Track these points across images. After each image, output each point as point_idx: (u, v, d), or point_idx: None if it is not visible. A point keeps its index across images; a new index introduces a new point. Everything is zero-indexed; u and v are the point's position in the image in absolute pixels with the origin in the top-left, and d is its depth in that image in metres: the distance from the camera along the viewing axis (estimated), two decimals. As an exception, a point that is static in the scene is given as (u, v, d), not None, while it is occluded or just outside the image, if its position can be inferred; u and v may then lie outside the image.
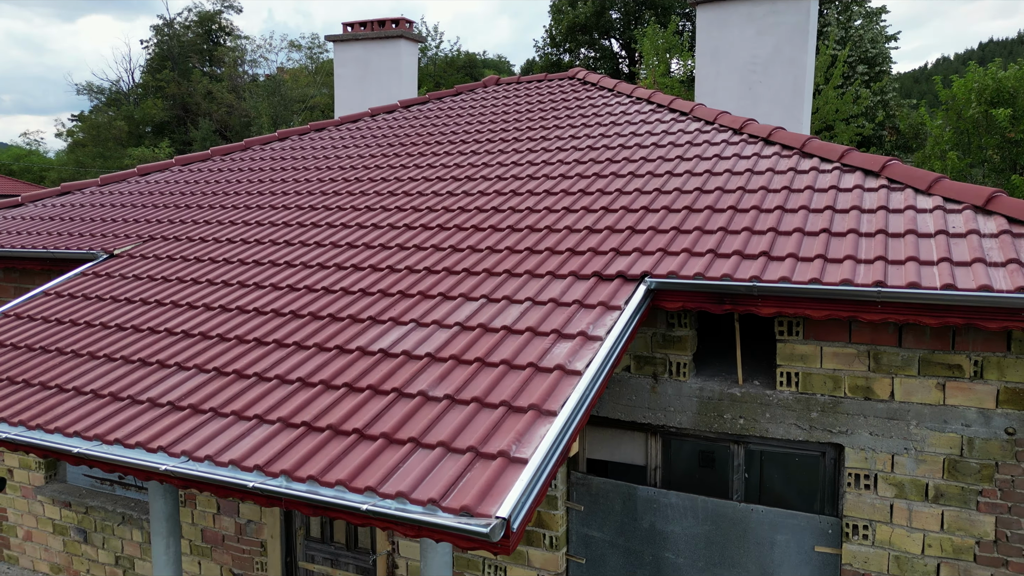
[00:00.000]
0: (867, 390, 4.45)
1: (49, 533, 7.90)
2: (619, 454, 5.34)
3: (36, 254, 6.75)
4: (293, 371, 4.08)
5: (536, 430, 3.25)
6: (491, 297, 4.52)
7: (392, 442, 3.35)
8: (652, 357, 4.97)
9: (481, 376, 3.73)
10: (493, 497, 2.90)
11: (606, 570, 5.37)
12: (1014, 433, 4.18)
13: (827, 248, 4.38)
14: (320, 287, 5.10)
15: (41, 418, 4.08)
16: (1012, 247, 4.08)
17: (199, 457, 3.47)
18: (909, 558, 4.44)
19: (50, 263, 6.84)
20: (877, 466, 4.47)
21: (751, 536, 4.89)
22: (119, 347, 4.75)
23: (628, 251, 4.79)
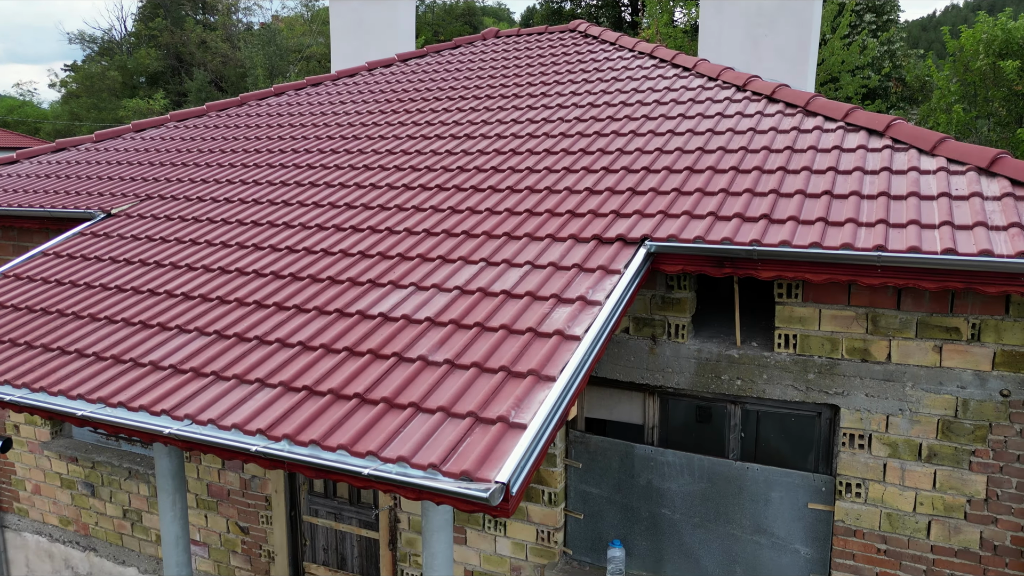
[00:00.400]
0: (864, 352, 4.48)
1: (57, 487, 8.05)
2: (617, 413, 5.40)
3: (34, 213, 6.72)
4: (293, 335, 4.11)
5: (535, 395, 3.28)
6: (490, 261, 4.51)
7: (393, 406, 3.39)
8: (651, 319, 4.99)
9: (481, 341, 3.75)
10: (492, 462, 2.94)
11: (603, 525, 5.49)
12: (1009, 395, 4.23)
13: (828, 211, 4.35)
14: (319, 249, 5.08)
15: (44, 380, 4.11)
16: (1014, 210, 4.05)
17: (202, 421, 3.51)
18: (900, 515, 4.53)
19: (48, 222, 6.81)
20: (872, 426, 4.53)
21: (746, 493, 4.98)
22: (119, 309, 4.77)
23: (628, 213, 4.76)
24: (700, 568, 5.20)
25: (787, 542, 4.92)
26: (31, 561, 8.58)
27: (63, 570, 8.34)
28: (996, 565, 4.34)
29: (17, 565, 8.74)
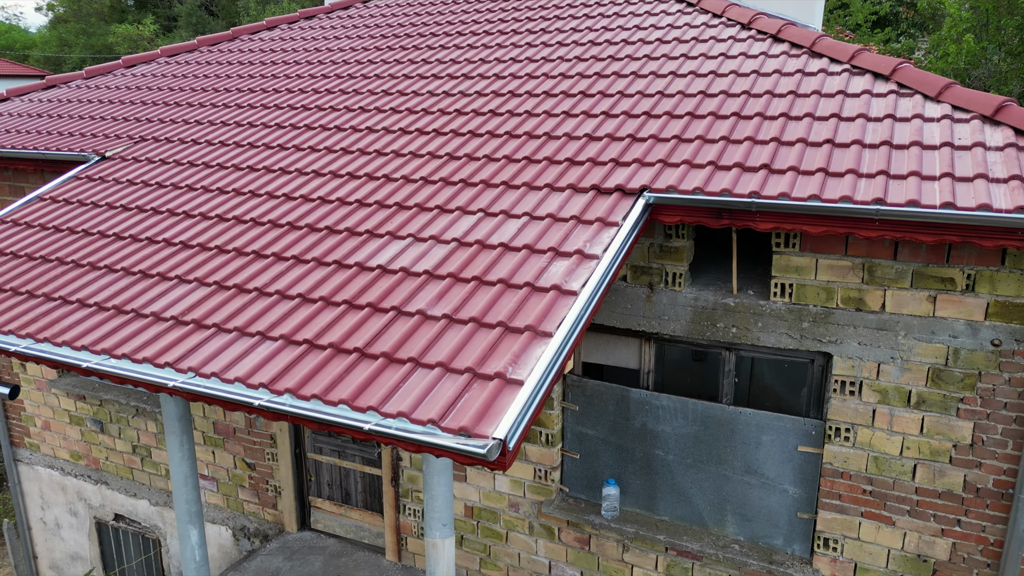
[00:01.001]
0: (859, 301, 4.52)
1: (66, 423, 8.24)
2: (614, 358, 5.49)
3: (28, 155, 6.65)
4: (293, 286, 4.13)
5: (532, 351, 3.34)
6: (488, 211, 4.50)
7: (392, 361, 3.45)
8: (648, 267, 5.01)
9: (479, 295, 3.79)
10: (490, 418, 3.02)
11: (599, 465, 5.65)
12: (1000, 345, 4.29)
13: (829, 161, 4.31)
14: (316, 197, 5.06)
15: (48, 331, 4.16)
16: (1016, 162, 4.02)
17: (205, 374, 3.58)
18: (887, 459, 4.66)
19: (42, 164, 6.75)
20: (863, 374, 4.62)
21: (738, 436, 5.12)
22: (119, 258, 4.78)
23: (628, 162, 4.72)
24: (692, 506, 5.39)
25: (776, 482, 5.08)
26: (45, 493, 8.86)
27: (76, 502, 8.62)
28: (978, 507, 4.50)
29: (32, 497, 9.03)
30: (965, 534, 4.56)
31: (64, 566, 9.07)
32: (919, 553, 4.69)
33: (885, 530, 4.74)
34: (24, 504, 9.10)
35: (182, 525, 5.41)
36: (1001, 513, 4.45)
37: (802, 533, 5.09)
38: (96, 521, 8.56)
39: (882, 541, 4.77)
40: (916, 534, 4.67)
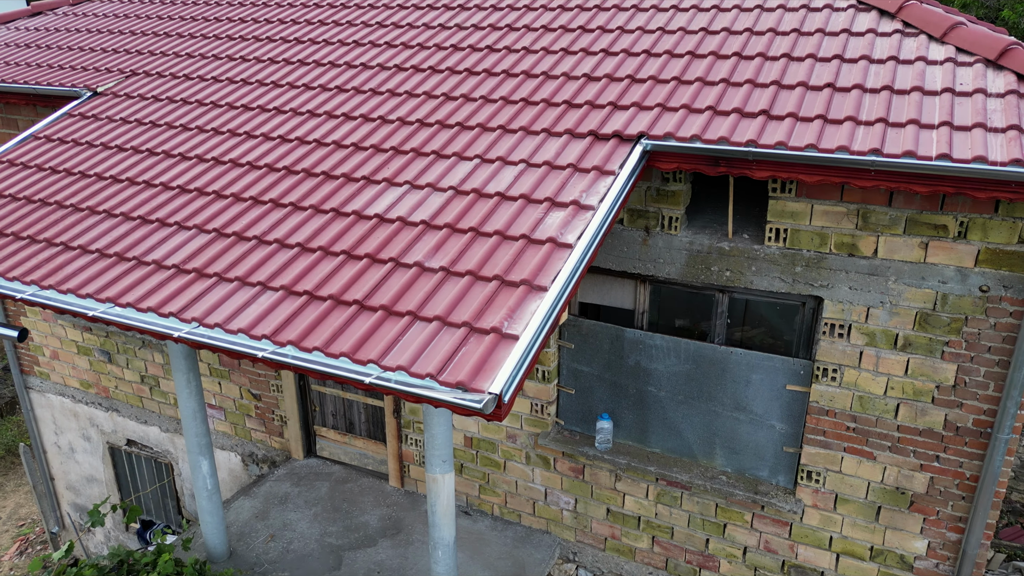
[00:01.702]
0: (852, 247, 4.58)
1: (74, 354, 8.42)
2: (610, 298, 5.58)
3: (20, 89, 6.55)
4: (292, 235, 4.18)
5: (527, 306, 3.42)
6: (485, 157, 4.49)
7: (391, 314, 3.54)
8: (645, 211, 5.03)
9: (475, 247, 3.84)
10: (486, 373, 3.13)
11: (593, 400, 5.84)
12: (988, 291, 4.37)
13: (829, 107, 4.28)
14: (312, 139, 5.03)
15: (52, 278, 4.24)
16: (1016, 110, 3.99)
17: (209, 324, 3.67)
18: (872, 398, 4.82)
19: (34, 98, 6.65)
20: (852, 317, 4.72)
21: (729, 375, 5.27)
22: (118, 202, 4.80)
23: (626, 105, 4.67)
24: (682, 440, 5.60)
25: (764, 419, 5.27)
26: (57, 419, 9.15)
27: (89, 428, 8.91)
28: (957, 444, 4.69)
29: (45, 422, 9.32)
30: (943, 469, 4.77)
31: (80, 487, 9.46)
32: (898, 486, 4.91)
33: (866, 464, 4.95)
34: (38, 429, 9.40)
35: (193, 456, 5.64)
36: (978, 451, 4.64)
37: (787, 466, 5.31)
38: (109, 446, 8.88)
39: (863, 474, 4.98)
40: (896, 468, 4.88)
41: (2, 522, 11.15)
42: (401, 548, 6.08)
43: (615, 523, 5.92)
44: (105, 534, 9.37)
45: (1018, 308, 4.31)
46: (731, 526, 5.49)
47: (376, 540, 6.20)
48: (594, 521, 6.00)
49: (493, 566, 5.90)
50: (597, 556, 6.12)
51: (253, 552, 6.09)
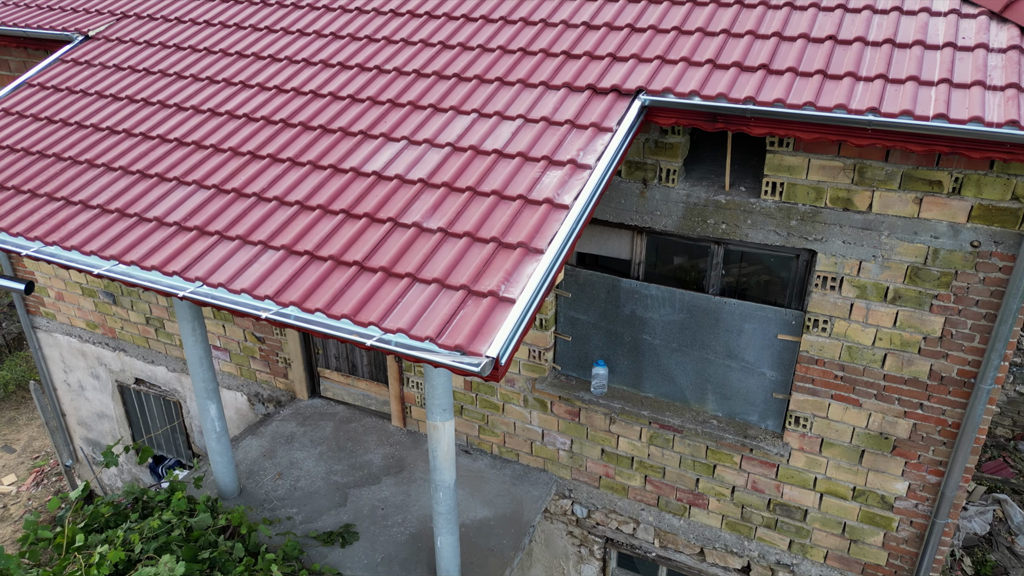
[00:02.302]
0: (847, 201, 4.61)
1: (79, 295, 8.53)
2: (607, 249, 5.64)
3: (10, 32, 6.43)
4: (291, 192, 4.21)
5: (524, 269, 3.49)
6: (482, 112, 4.47)
7: (391, 276, 3.61)
8: (643, 163, 5.04)
9: (473, 207, 3.88)
10: (484, 336, 3.23)
11: (589, 347, 5.98)
12: (979, 246, 4.43)
13: (829, 61, 4.24)
14: (308, 90, 4.99)
15: (56, 234, 4.29)
16: (1016, 67, 3.96)
17: (212, 283, 3.75)
18: (860, 348, 4.95)
19: (25, 41, 6.54)
20: (845, 270, 4.79)
21: (722, 324, 5.39)
22: (116, 155, 4.81)
23: (625, 57, 4.62)
24: (675, 385, 5.76)
25: (755, 366, 5.42)
26: (66, 358, 9.34)
27: (97, 367, 9.12)
28: (940, 392, 4.84)
29: (54, 361, 9.53)
30: (926, 416, 4.94)
31: (92, 423, 9.75)
32: (882, 431, 5.09)
33: (852, 411, 5.13)
34: (47, 368, 9.61)
35: (201, 400, 5.82)
36: (961, 399, 4.79)
37: (776, 411, 5.49)
38: (118, 384, 9.10)
39: (848, 420, 5.16)
40: (880, 415, 5.05)
41: (17, 455, 11.53)
42: (404, 486, 6.34)
43: (609, 463, 6.16)
44: (118, 466, 9.70)
45: (1007, 263, 4.38)
46: (720, 467, 5.72)
47: (380, 478, 6.46)
48: (589, 461, 6.24)
49: (492, 503, 6.17)
50: (591, 493, 6.38)
51: (262, 489, 6.35)
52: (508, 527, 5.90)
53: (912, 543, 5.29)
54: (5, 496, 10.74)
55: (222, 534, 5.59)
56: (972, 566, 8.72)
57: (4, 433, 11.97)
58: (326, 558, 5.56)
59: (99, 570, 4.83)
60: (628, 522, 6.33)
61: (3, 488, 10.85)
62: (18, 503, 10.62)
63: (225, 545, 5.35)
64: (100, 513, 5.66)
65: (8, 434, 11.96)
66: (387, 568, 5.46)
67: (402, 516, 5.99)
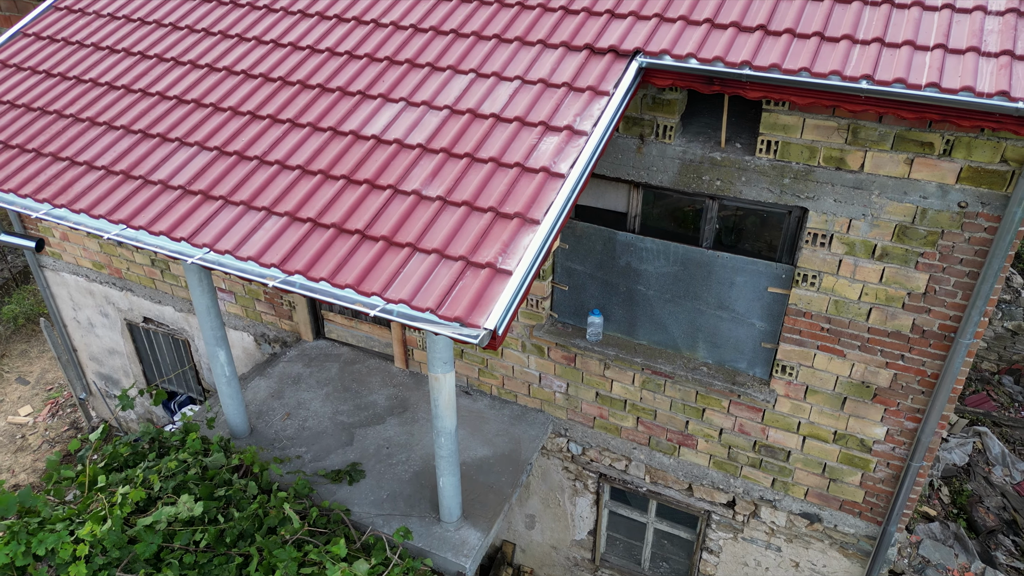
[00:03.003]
0: (840, 161, 4.68)
1: (83, 235, 8.63)
2: (604, 201, 5.73)
3: (-4, -25, 6.32)
4: (292, 156, 4.28)
5: (520, 239, 3.61)
6: (480, 72, 4.49)
7: (392, 244, 3.74)
8: (640, 119, 5.07)
9: (471, 174, 3.96)
10: (482, 308, 3.39)
11: (585, 296, 6.15)
12: (966, 207, 4.54)
13: (827, 22, 4.23)
14: (306, 45, 4.98)
15: (63, 196, 4.39)
16: (1012, 32, 3.97)
17: (220, 250, 3.89)
18: (846, 302, 5.12)
19: (14, -16, 6.44)
20: (835, 228, 4.91)
21: (714, 277, 5.54)
22: (117, 112, 4.85)
23: (624, 14, 4.60)
24: (667, 334, 5.96)
25: (745, 317, 5.60)
26: (74, 296, 9.54)
27: (106, 305, 9.32)
28: (921, 345, 5.04)
29: (63, 299, 9.73)
30: (906, 367, 5.15)
31: (103, 359, 10.03)
32: (864, 380, 5.32)
33: (836, 361, 5.34)
34: (56, 306, 9.82)
35: (210, 348, 6.03)
36: (941, 352, 4.99)
37: (764, 360, 5.71)
38: (127, 322, 9.33)
39: (832, 369, 5.38)
40: (863, 365, 5.27)
41: (31, 386, 11.89)
42: (407, 426, 6.63)
43: (603, 405, 6.43)
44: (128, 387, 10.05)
45: (993, 224, 4.49)
46: (709, 411, 5.98)
47: (384, 418, 6.75)
48: (584, 403, 6.51)
49: (492, 442, 6.47)
50: (586, 433, 6.68)
51: (272, 429, 6.65)
52: (506, 465, 6.22)
53: (888, 483, 5.60)
54: (23, 427, 11.15)
55: (235, 472, 5.90)
56: (949, 495, 9.17)
57: (17, 365, 12.31)
58: (334, 495, 5.90)
59: (121, 509, 5.15)
60: (621, 459, 6.66)
61: (20, 419, 11.25)
62: (35, 433, 11.04)
63: (239, 483, 5.66)
64: (119, 453, 5.97)
65: (21, 366, 12.30)
66: (392, 504, 5.80)
67: (406, 455, 6.30)
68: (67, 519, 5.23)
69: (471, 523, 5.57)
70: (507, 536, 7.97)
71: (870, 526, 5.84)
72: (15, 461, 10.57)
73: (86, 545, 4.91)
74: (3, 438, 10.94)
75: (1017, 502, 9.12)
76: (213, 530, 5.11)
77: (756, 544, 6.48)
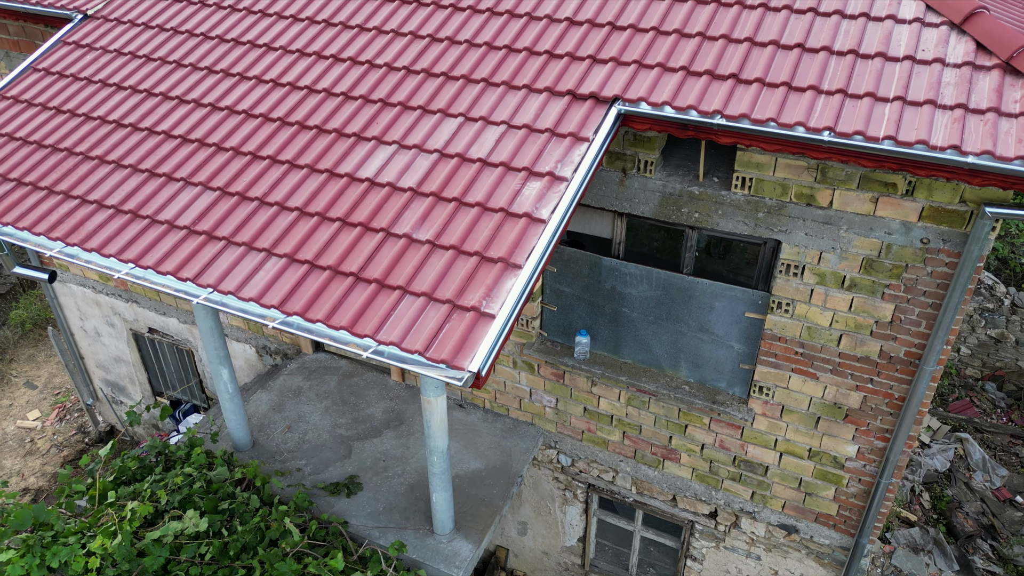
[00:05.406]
0: (810, 197, 4.94)
1: (91, 251, 8.91)
2: (590, 228, 5.99)
3: (9, 7, 6.57)
4: (290, 197, 4.55)
5: (504, 283, 3.88)
6: (469, 116, 4.74)
7: (384, 287, 4.01)
8: (623, 153, 5.33)
9: (459, 218, 4.23)
10: (466, 351, 3.66)
11: (573, 317, 6.42)
12: (928, 243, 4.80)
13: (795, 73, 4.48)
14: (303, 85, 5.23)
15: (75, 235, 4.66)
16: (966, 85, 4.21)
17: (223, 290, 4.16)
18: (818, 329, 5.38)
19: (24, 16, 6.69)
20: (807, 259, 5.17)
21: (695, 301, 5.81)
22: (125, 151, 5.11)
23: (605, 59, 4.84)
24: (651, 354, 6.24)
25: (724, 340, 5.87)
26: (81, 306, 9.82)
27: (112, 316, 9.61)
28: (888, 370, 5.31)
29: (70, 309, 10.01)
30: (875, 390, 5.42)
31: (109, 366, 10.33)
32: (835, 402, 5.60)
33: (810, 383, 5.61)
34: (64, 315, 10.11)
35: (213, 366, 6.31)
36: (907, 377, 5.26)
37: (742, 380, 5.98)
38: (132, 332, 9.61)
39: (806, 391, 5.66)
40: (835, 387, 5.54)
41: (39, 391, 12.20)
42: (403, 438, 6.92)
43: (591, 419, 6.71)
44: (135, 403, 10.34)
45: (953, 259, 4.75)
46: (691, 427, 6.26)
47: (381, 431, 7.04)
48: (572, 417, 6.79)
49: (484, 455, 6.76)
50: (575, 445, 6.97)
51: (273, 442, 6.94)
52: (498, 478, 6.51)
53: (860, 498, 5.88)
54: (32, 430, 11.46)
55: (238, 486, 6.20)
56: (930, 500, 9.46)
57: (25, 370, 12.61)
58: (333, 507, 6.19)
59: (130, 524, 5.45)
60: (608, 471, 6.95)
61: (28, 423, 11.57)
62: (44, 437, 11.35)
63: (242, 496, 5.96)
64: (127, 467, 6.27)
65: (29, 371, 12.60)
66: (388, 517, 6.09)
67: (401, 468, 6.59)
68: (79, 532, 5.52)
69: (463, 535, 5.86)
70: (500, 542, 8.27)
71: (844, 537, 6.13)
72: (24, 465, 10.89)
73: (97, 558, 5.21)
74: (12, 442, 11.25)
75: (996, 507, 9.41)
76: (217, 543, 5.41)
77: (737, 553, 6.78)
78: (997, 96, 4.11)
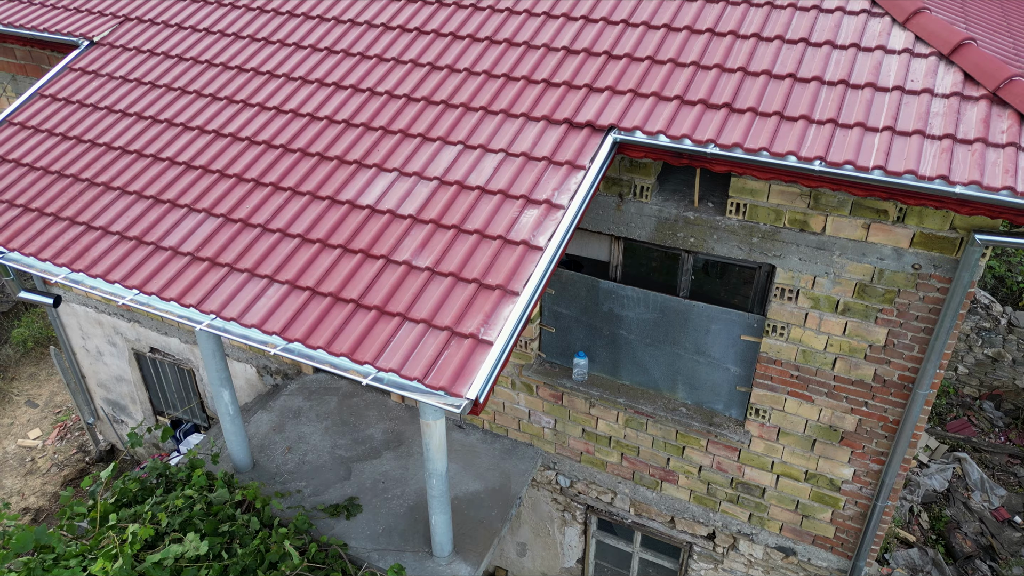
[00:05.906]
0: (804, 223, 5.02)
1: (94, 272, 8.98)
2: (588, 251, 6.07)
3: (17, 33, 6.70)
4: (293, 224, 4.63)
5: (501, 311, 3.95)
6: (468, 144, 4.83)
7: (384, 314, 4.08)
8: (619, 179, 5.42)
9: (457, 245, 4.30)
10: (464, 378, 3.72)
11: (571, 338, 6.48)
12: (919, 268, 4.87)
13: (787, 102, 4.57)
14: (306, 112, 5.33)
15: (80, 261, 4.74)
16: (954, 117, 4.30)
17: (226, 317, 4.23)
18: (813, 352, 5.44)
19: (31, 42, 6.81)
20: (801, 284, 5.24)
21: (691, 324, 5.87)
22: (130, 177, 5.19)
23: (601, 88, 4.94)
24: (648, 376, 6.29)
25: (721, 362, 5.93)
26: (83, 326, 9.89)
27: (114, 335, 9.67)
28: (883, 393, 5.36)
29: (72, 329, 10.08)
30: (870, 413, 5.47)
31: (111, 385, 10.38)
32: (831, 424, 5.65)
33: (806, 406, 5.66)
34: (66, 335, 10.17)
35: (215, 387, 6.37)
36: (901, 400, 5.32)
37: (739, 402, 6.04)
38: (134, 352, 9.67)
39: (802, 413, 5.71)
40: (830, 410, 5.59)
41: (40, 409, 12.24)
42: (403, 460, 6.96)
43: (589, 441, 6.75)
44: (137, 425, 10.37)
45: (944, 285, 4.82)
46: (689, 449, 6.31)
47: (381, 452, 7.07)
48: (571, 438, 6.84)
49: (483, 476, 6.80)
50: (573, 467, 7.01)
51: (273, 463, 6.98)
52: (497, 500, 6.54)
53: (856, 520, 5.92)
54: (32, 449, 11.49)
55: (239, 508, 6.23)
56: (928, 521, 9.47)
57: (26, 388, 12.66)
58: (332, 529, 6.22)
59: (131, 547, 5.48)
60: (607, 493, 6.98)
61: (29, 442, 11.60)
62: (44, 456, 11.38)
63: (242, 519, 5.99)
64: (128, 489, 6.30)
65: (30, 389, 12.65)
66: (388, 539, 6.12)
67: (401, 489, 6.63)
68: (80, 555, 5.56)
69: (462, 557, 5.89)
70: (500, 563, 8.28)
71: (841, 560, 6.16)
72: (25, 484, 10.91)
73: (99, 581, 5.24)
74: (13, 461, 11.28)
75: (995, 528, 9.42)
76: (218, 566, 5.44)
77: (735, 575, 6.80)
78: (984, 127, 4.19)
